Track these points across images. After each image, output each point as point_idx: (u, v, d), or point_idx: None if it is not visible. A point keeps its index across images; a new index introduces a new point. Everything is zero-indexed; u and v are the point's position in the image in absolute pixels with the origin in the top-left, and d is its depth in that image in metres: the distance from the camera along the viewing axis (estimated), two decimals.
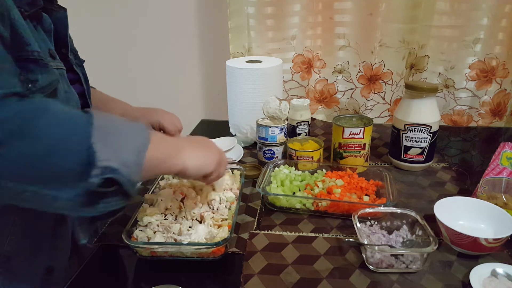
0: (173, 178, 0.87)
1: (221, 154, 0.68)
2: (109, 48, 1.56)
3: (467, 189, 0.90)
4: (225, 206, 0.77)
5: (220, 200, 0.78)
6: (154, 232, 0.69)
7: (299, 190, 0.86)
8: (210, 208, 0.76)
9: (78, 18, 0.78)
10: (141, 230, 0.70)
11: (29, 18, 0.55)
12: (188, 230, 0.68)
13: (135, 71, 1.62)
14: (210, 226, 0.71)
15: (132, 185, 0.47)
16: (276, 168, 0.93)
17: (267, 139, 1.01)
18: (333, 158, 1.00)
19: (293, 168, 0.94)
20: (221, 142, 1.15)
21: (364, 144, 0.95)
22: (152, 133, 0.53)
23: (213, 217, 0.73)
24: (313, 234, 0.75)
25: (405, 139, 0.97)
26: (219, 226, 0.72)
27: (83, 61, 0.80)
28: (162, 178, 0.88)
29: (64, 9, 0.69)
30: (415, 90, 0.94)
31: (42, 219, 0.62)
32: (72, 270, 0.68)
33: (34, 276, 0.63)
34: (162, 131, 0.88)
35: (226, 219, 0.73)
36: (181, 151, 0.59)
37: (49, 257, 0.64)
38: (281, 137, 1.01)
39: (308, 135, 1.11)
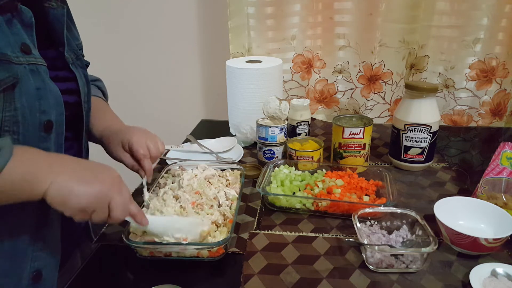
0: (172, 183, 0.86)
1: (98, 198, 0.55)
2: (109, 48, 1.56)
3: (467, 189, 0.90)
4: (227, 205, 0.78)
5: (226, 195, 0.79)
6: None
7: (299, 190, 0.86)
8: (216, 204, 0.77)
9: (77, 18, 0.77)
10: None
11: None
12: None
13: (135, 71, 1.62)
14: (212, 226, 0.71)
15: None
16: (276, 168, 0.93)
17: (267, 139, 1.01)
18: (333, 158, 1.00)
19: (293, 168, 0.94)
20: (221, 142, 1.15)
21: (364, 144, 0.95)
22: (15, 154, 0.49)
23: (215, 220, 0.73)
24: (313, 234, 0.75)
25: (405, 139, 0.97)
26: (218, 226, 0.72)
27: (88, 64, 0.79)
28: (162, 177, 0.88)
29: (63, 7, 0.68)
30: (415, 90, 0.94)
31: (20, 221, 0.60)
32: (76, 268, 0.68)
33: (18, 280, 0.60)
34: (131, 153, 0.76)
35: (227, 218, 0.74)
36: (47, 177, 0.52)
37: (34, 259, 0.62)
38: (281, 137, 1.01)
39: (308, 135, 1.11)
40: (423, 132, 0.94)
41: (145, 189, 0.77)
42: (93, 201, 0.54)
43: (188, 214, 0.73)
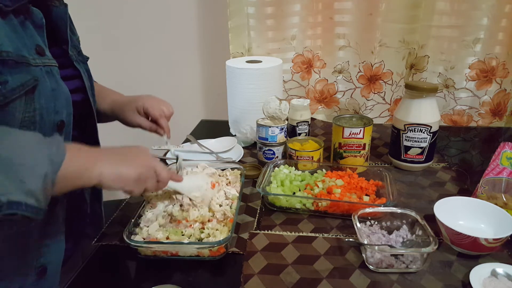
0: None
1: (146, 167, 0.62)
2: (109, 48, 1.56)
3: (467, 189, 0.90)
4: (227, 204, 0.78)
5: (226, 195, 0.79)
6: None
7: (299, 190, 0.86)
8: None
9: (77, 18, 0.78)
10: (142, 227, 0.71)
11: (12, 13, 0.55)
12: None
13: (135, 71, 1.62)
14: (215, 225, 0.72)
15: (38, 210, 0.48)
16: (276, 168, 0.93)
17: (267, 139, 1.01)
18: (333, 158, 1.00)
19: (293, 168, 0.94)
20: (221, 142, 1.15)
21: (364, 144, 0.95)
22: (68, 150, 0.52)
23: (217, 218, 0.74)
24: (313, 234, 0.75)
25: (405, 139, 0.97)
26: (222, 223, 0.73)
27: (88, 58, 0.80)
28: None
29: (65, 5, 0.69)
30: (415, 90, 0.94)
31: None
32: (71, 271, 0.68)
33: (25, 276, 0.61)
34: (147, 116, 0.85)
35: (228, 217, 0.74)
36: (97, 163, 0.56)
37: (39, 255, 0.63)
38: (281, 137, 1.01)
39: (308, 135, 1.11)
40: (423, 132, 0.94)
41: (169, 145, 0.88)
42: (142, 170, 0.60)
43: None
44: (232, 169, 0.91)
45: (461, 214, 0.74)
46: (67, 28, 0.69)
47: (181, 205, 0.73)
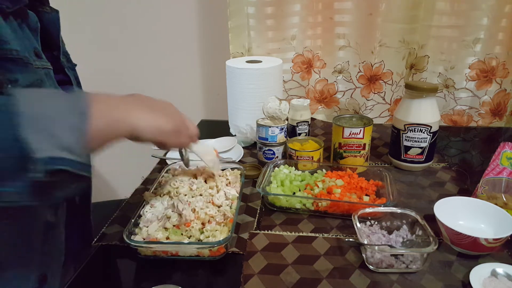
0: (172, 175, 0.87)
1: (178, 120, 0.62)
2: (109, 48, 1.56)
3: (467, 189, 0.90)
4: (227, 204, 0.78)
5: (226, 195, 0.79)
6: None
7: (299, 190, 0.86)
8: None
9: (78, 18, 0.77)
10: (141, 227, 0.71)
11: (12, 15, 0.55)
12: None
13: (135, 71, 1.62)
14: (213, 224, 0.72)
15: (82, 165, 0.45)
16: (276, 168, 0.93)
17: (267, 139, 1.01)
18: (333, 158, 1.00)
19: (293, 168, 0.94)
20: (221, 142, 1.15)
21: (364, 144, 0.95)
22: (94, 100, 0.48)
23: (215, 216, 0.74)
24: (313, 234, 0.75)
25: (405, 139, 0.97)
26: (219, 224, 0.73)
27: (75, 65, 0.80)
28: (162, 176, 0.88)
29: (56, 11, 0.69)
30: (415, 90, 0.94)
31: (33, 223, 0.60)
32: (69, 276, 0.68)
33: (27, 284, 0.61)
34: None
35: (227, 218, 0.74)
36: (130, 114, 0.53)
37: (41, 263, 0.62)
38: (281, 137, 1.01)
39: (308, 135, 1.11)
40: (423, 132, 0.94)
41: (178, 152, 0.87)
42: (177, 119, 0.62)
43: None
44: (232, 169, 0.91)
45: (461, 214, 0.74)
46: (59, 34, 0.69)
47: (180, 215, 0.73)
